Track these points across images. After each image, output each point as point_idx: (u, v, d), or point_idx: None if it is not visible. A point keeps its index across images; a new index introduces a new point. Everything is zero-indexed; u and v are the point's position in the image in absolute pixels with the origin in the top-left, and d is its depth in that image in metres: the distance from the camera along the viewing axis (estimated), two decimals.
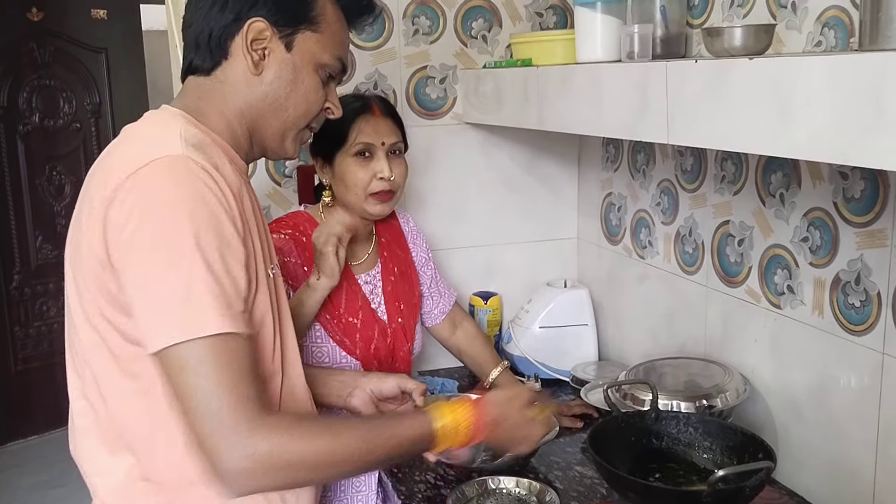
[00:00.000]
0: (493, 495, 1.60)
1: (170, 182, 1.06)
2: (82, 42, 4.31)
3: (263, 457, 1.04)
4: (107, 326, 1.12)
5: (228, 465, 1.03)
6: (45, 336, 4.34)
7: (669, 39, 1.68)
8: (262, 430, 1.04)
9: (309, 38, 1.23)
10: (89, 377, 1.16)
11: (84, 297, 1.13)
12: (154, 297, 1.04)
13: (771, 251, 1.66)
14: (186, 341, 1.02)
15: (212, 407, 1.02)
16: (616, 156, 2.22)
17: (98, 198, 1.09)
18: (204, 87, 1.23)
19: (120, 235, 1.06)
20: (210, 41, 1.21)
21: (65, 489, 3.75)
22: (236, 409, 1.03)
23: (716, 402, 1.62)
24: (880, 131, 0.91)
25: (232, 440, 1.02)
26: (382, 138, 1.76)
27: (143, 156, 1.08)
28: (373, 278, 1.85)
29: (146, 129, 1.20)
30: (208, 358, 1.02)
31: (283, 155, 1.31)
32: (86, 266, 1.11)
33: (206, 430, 1.03)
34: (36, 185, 4.23)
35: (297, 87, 1.24)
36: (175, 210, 1.05)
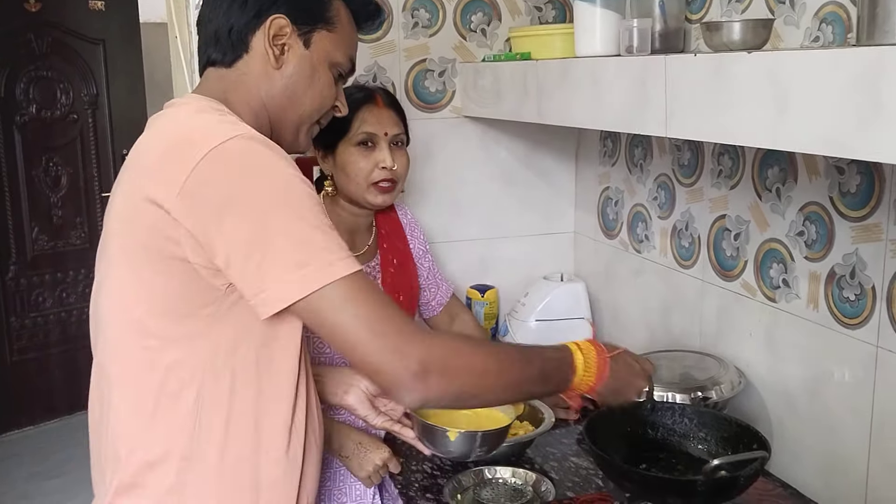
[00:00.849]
0: (490, 485, 1.62)
1: (256, 154, 1.11)
2: (80, 33, 4.31)
3: (439, 360, 1.11)
4: (170, 296, 1.14)
5: (413, 371, 1.08)
6: (40, 327, 4.35)
7: (668, 34, 1.69)
8: (428, 338, 1.14)
9: (325, 36, 1.28)
10: (136, 354, 1.17)
11: (146, 272, 1.14)
12: (281, 252, 1.07)
13: (767, 245, 1.67)
14: (329, 284, 1.07)
15: (385, 327, 1.09)
16: (614, 150, 2.23)
17: (167, 182, 1.09)
18: (228, 79, 1.27)
19: (217, 206, 1.07)
20: (231, 35, 1.25)
21: (61, 479, 3.76)
22: (401, 326, 1.10)
23: (711, 394, 1.63)
24: (877, 125, 0.93)
25: (406, 351, 1.09)
26: (385, 129, 1.77)
27: (216, 135, 1.10)
28: (372, 269, 1.86)
29: (197, 114, 1.21)
30: (360, 290, 1.09)
31: (296, 148, 1.35)
32: (153, 244, 1.11)
33: (381, 353, 1.08)
34: (32, 176, 4.23)
35: (313, 82, 1.29)
36: (272, 176, 1.10)
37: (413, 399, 1.12)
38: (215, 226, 1.08)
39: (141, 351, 1.17)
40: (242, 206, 1.07)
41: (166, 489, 1.19)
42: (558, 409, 1.88)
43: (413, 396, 1.11)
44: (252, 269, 1.07)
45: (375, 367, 1.09)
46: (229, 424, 1.18)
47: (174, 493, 1.19)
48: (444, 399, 1.15)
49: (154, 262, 1.13)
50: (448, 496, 1.56)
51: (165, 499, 1.19)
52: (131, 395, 1.20)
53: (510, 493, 1.59)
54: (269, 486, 1.22)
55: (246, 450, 1.20)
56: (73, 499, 3.55)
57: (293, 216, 1.08)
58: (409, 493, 1.62)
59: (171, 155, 1.12)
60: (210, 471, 1.19)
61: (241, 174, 1.09)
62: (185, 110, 1.23)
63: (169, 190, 1.09)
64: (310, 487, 1.30)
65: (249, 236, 1.07)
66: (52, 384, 4.23)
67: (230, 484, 1.20)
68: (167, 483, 1.19)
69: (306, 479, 1.28)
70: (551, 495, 1.57)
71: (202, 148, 1.09)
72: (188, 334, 1.15)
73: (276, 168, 1.11)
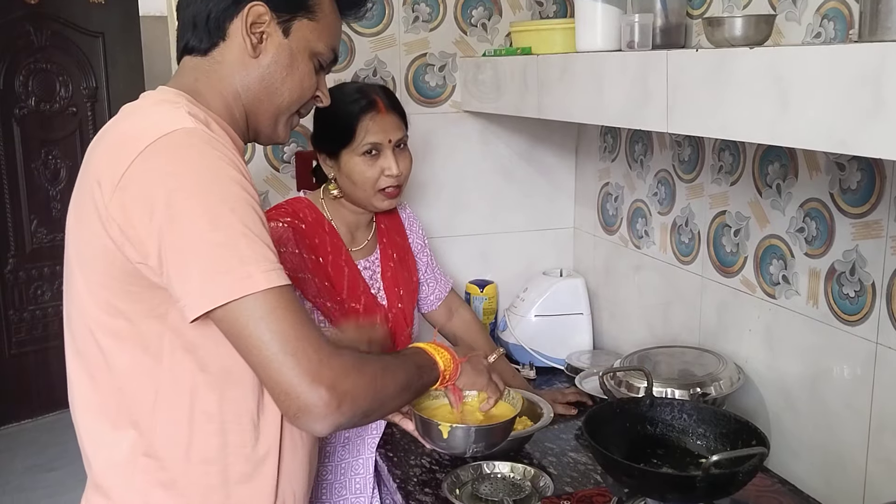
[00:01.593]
0: (488, 480, 1.62)
1: (192, 150, 1.07)
2: (79, 26, 4.30)
3: (349, 381, 1.07)
4: (124, 299, 1.11)
5: (324, 397, 1.04)
6: (39, 320, 4.34)
7: (669, 29, 1.68)
8: (343, 357, 1.09)
9: (305, 25, 1.25)
10: (94, 353, 1.16)
11: (94, 272, 1.13)
12: (201, 259, 1.03)
13: (767, 241, 1.67)
14: (247, 296, 1.03)
15: (297, 347, 1.04)
16: (614, 146, 2.23)
17: (109, 173, 1.08)
18: (201, 68, 1.24)
19: (145, 206, 1.05)
20: (208, 22, 1.22)
21: (59, 472, 3.76)
22: (318, 344, 1.06)
23: (710, 389, 1.63)
24: (879, 121, 0.92)
25: (321, 375, 1.04)
26: (389, 136, 1.76)
27: (158, 129, 1.08)
28: (372, 264, 1.86)
29: (151, 106, 1.19)
30: (274, 309, 1.04)
31: (275, 139, 1.33)
32: (97, 241, 1.10)
33: (291, 374, 1.04)
34: (31, 169, 4.22)
35: (292, 71, 1.25)
36: (203, 175, 1.06)
37: (325, 427, 1.07)
38: (145, 225, 1.05)
39: (97, 352, 1.16)
40: (170, 206, 1.04)
41: (132, 488, 1.18)
42: (557, 405, 1.88)
43: (325, 424, 1.07)
44: (175, 272, 1.05)
45: (286, 389, 1.04)
46: (193, 423, 1.16)
47: (140, 491, 1.18)
48: (353, 420, 1.11)
49: (101, 261, 1.11)
50: (446, 491, 1.56)
51: (132, 497, 1.18)
52: (92, 395, 1.19)
53: (508, 487, 1.59)
54: (240, 483, 1.20)
55: (212, 448, 1.18)
56: (70, 491, 3.55)
57: (219, 221, 1.04)
58: (408, 487, 1.62)
59: (114, 151, 1.10)
60: (177, 469, 1.17)
61: (172, 173, 1.05)
62: (142, 103, 1.21)
63: (108, 187, 1.08)
64: (296, 483, 1.28)
65: (174, 239, 1.04)
66: (51, 377, 4.22)
67: (198, 482, 1.18)
68: (134, 482, 1.18)
69: (288, 475, 1.26)
70: (549, 490, 1.57)
71: (140, 143, 1.07)
72: (141, 334, 1.13)
73: (209, 168, 1.07)
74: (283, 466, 1.24)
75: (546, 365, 2.21)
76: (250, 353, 1.05)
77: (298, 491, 1.30)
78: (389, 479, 1.68)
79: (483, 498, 1.55)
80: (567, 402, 1.93)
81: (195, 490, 1.18)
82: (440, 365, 1.33)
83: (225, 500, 1.20)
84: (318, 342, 1.06)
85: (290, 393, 1.04)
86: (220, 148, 1.10)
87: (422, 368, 1.29)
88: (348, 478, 1.77)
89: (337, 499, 1.76)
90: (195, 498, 1.18)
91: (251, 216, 1.07)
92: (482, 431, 1.42)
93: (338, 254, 1.79)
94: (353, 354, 1.12)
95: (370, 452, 1.79)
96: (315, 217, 1.79)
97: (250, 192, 1.09)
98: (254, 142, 1.34)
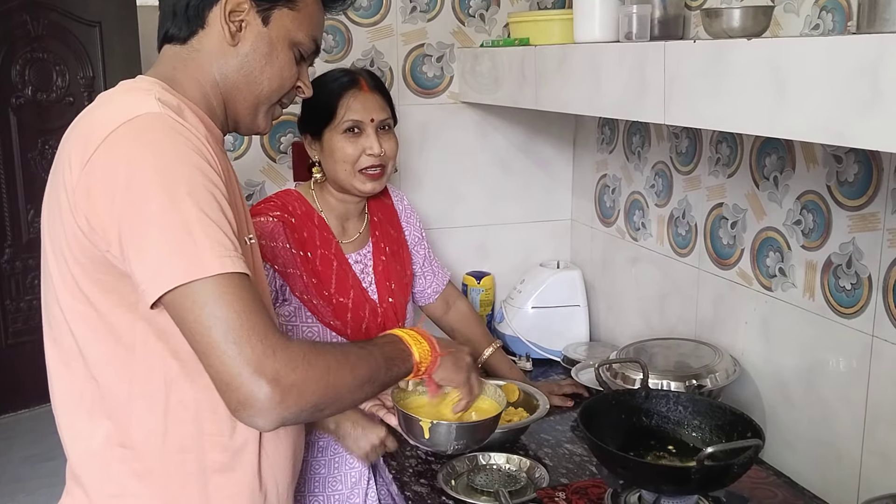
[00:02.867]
0: (483, 471, 1.62)
1: (154, 134, 1.06)
2: (76, 15, 4.28)
3: (297, 375, 1.03)
4: (92, 286, 1.11)
5: (265, 390, 1.00)
6: (35, 310, 4.31)
7: (667, 20, 1.68)
8: (290, 350, 1.04)
9: (286, 14, 1.24)
10: (69, 343, 1.16)
11: (65, 260, 1.12)
12: (154, 243, 1.02)
13: (763, 234, 1.67)
14: (195, 281, 1.01)
15: (240, 335, 1.00)
16: (611, 137, 2.23)
17: (77, 160, 1.08)
18: (179, 57, 1.24)
19: (108, 192, 1.05)
20: (188, 10, 1.22)
21: (55, 462, 3.74)
22: (265, 333, 1.02)
23: (705, 382, 1.63)
24: (876, 113, 0.92)
25: (265, 364, 1.01)
26: (371, 114, 1.74)
27: (123, 115, 1.08)
28: (363, 257, 1.84)
29: (123, 94, 1.19)
30: (227, 291, 1.01)
31: (255, 129, 1.32)
32: (68, 230, 1.10)
33: (232, 364, 1.00)
34: (28, 158, 4.21)
35: (271, 61, 1.24)
36: (162, 159, 1.05)
37: (267, 422, 1.03)
38: (108, 212, 1.05)
39: (72, 342, 1.16)
40: (128, 191, 1.03)
41: (109, 478, 1.18)
42: (553, 397, 1.88)
43: (267, 419, 1.03)
44: (133, 257, 1.04)
45: (226, 380, 1.01)
46: (168, 412, 1.15)
47: (116, 482, 1.18)
48: (300, 416, 1.07)
49: (72, 249, 1.11)
50: (442, 482, 1.56)
51: (108, 488, 1.18)
52: (68, 385, 1.19)
53: (504, 479, 1.59)
54: (218, 472, 1.19)
55: (187, 437, 1.17)
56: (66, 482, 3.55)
57: (175, 206, 1.02)
58: (403, 478, 1.62)
59: (83, 138, 1.10)
60: (152, 459, 1.16)
61: (132, 158, 1.04)
62: (116, 91, 1.20)
63: (75, 173, 1.07)
64: (280, 474, 1.28)
65: (131, 224, 1.03)
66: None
67: (174, 471, 1.17)
68: (110, 472, 1.18)
69: (271, 465, 1.25)
70: (545, 482, 1.57)
71: (106, 129, 1.07)
72: (113, 326, 1.12)
73: (169, 152, 1.05)
74: (265, 456, 1.24)
75: (542, 356, 2.21)
76: (194, 339, 1.02)
77: (282, 482, 1.29)
78: (385, 470, 1.68)
79: (478, 489, 1.55)
80: (563, 393, 1.93)
81: (172, 479, 1.17)
82: (415, 356, 1.28)
83: (202, 489, 1.19)
84: (266, 331, 1.02)
85: (231, 384, 1.01)
86: (185, 133, 1.09)
87: (391, 360, 1.24)
88: (343, 472, 1.76)
89: (331, 492, 1.76)
90: (172, 487, 1.18)
91: (209, 201, 1.05)
92: (464, 429, 1.41)
93: (327, 247, 1.77)
94: (305, 345, 1.07)
95: None
96: (305, 210, 1.77)
97: (212, 178, 1.08)
98: (234, 132, 1.33)
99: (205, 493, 1.19)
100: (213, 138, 1.20)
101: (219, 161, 1.15)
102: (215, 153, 1.15)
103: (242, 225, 1.22)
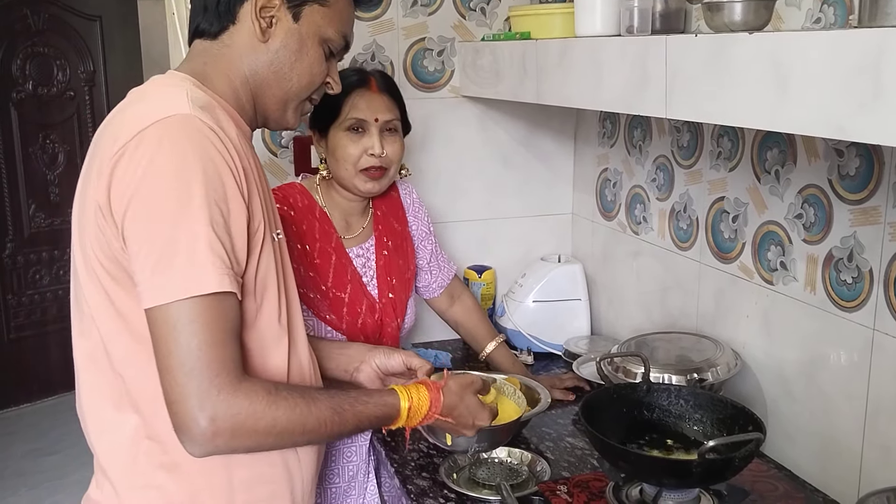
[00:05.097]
0: (485, 465, 1.62)
1: (178, 139, 1.07)
2: (77, 9, 4.28)
3: (235, 420, 1.05)
4: (112, 285, 1.13)
5: (201, 426, 1.04)
6: (37, 305, 4.34)
7: (669, 14, 1.67)
8: (240, 394, 1.06)
9: (316, 11, 1.25)
10: (96, 337, 1.17)
11: (89, 257, 1.14)
12: (156, 253, 1.04)
13: (765, 228, 1.67)
14: (183, 299, 1.03)
15: (194, 366, 1.04)
16: (613, 131, 2.23)
17: (107, 156, 1.10)
18: (210, 52, 1.24)
19: (125, 191, 1.06)
20: (219, 5, 1.22)
21: (58, 456, 3.77)
22: (217, 372, 1.04)
23: (707, 375, 1.63)
24: (878, 107, 0.92)
25: (206, 401, 1.04)
26: (376, 114, 1.74)
27: (152, 115, 1.09)
28: (366, 251, 1.84)
29: (154, 91, 1.20)
30: (199, 317, 1.04)
31: (284, 125, 1.33)
32: (91, 225, 1.12)
33: (180, 392, 1.04)
34: (29, 153, 4.21)
35: (301, 57, 1.25)
36: (182, 167, 1.06)
37: (196, 451, 1.08)
38: (121, 212, 1.07)
39: (98, 337, 1.17)
40: (141, 195, 1.05)
41: (136, 471, 1.19)
42: (555, 390, 1.88)
43: (195, 449, 1.08)
44: (133, 260, 1.07)
45: (170, 401, 1.05)
46: None
47: (144, 474, 1.18)
48: (236, 451, 1.12)
49: (95, 247, 1.12)
50: (444, 475, 1.57)
51: (135, 480, 1.19)
52: (94, 378, 1.20)
53: (506, 472, 1.59)
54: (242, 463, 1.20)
55: None
56: (69, 475, 3.56)
57: (182, 217, 1.04)
58: (406, 472, 1.63)
59: (113, 136, 1.11)
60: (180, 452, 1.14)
61: (151, 161, 1.06)
62: (147, 88, 1.22)
63: (104, 171, 1.09)
64: (305, 462, 1.28)
65: (137, 229, 1.06)
66: (49, 362, 4.23)
67: (201, 464, 1.16)
68: (137, 465, 1.18)
69: (295, 454, 1.26)
70: (546, 475, 1.57)
71: (135, 129, 1.08)
72: (133, 325, 1.13)
73: (191, 159, 1.06)
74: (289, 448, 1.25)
75: (544, 350, 2.21)
76: (156, 353, 1.06)
77: (308, 470, 1.30)
78: (387, 463, 1.69)
79: (480, 483, 1.56)
80: (565, 387, 1.94)
81: (198, 472, 1.18)
82: (401, 419, 1.28)
83: (227, 480, 1.20)
84: (220, 369, 1.05)
85: (172, 407, 1.05)
86: (212, 138, 1.09)
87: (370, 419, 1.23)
88: (340, 465, 1.77)
89: (327, 485, 1.76)
90: (199, 480, 1.19)
91: (221, 213, 1.07)
92: (486, 433, 1.44)
93: (326, 240, 1.77)
94: (260, 393, 1.08)
95: (364, 440, 1.79)
96: (306, 203, 1.78)
97: (228, 189, 1.08)
98: (263, 127, 1.34)
99: (230, 484, 1.20)
100: (242, 135, 1.21)
101: (247, 159, 1.17)
102: (243, 151, 1.16)
103: (271, 220, 1.24)
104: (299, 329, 1.30)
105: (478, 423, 1.39)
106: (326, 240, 1.77)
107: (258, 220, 1.16)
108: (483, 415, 1.40)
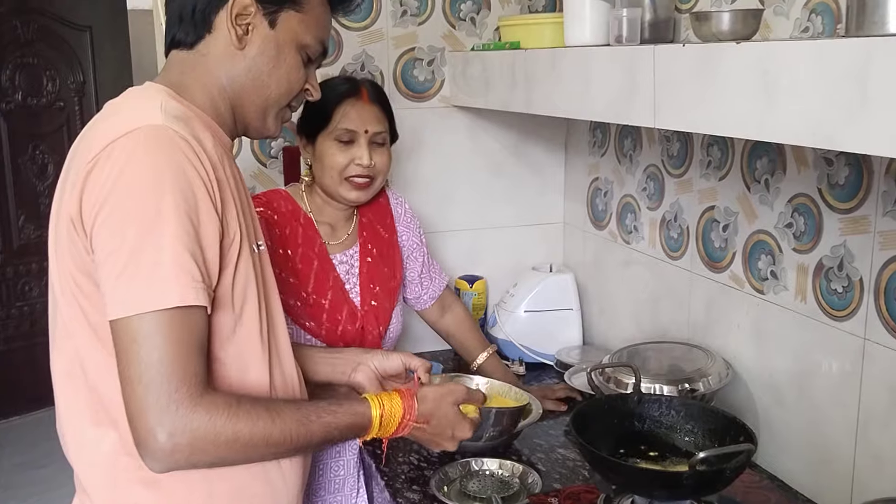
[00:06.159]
0: (476, 476, 1.61)
1: (150, 150, 1.07)
2: (67, 20, 4.27)
3: (194, 435, 1.04)
4: (85, 300, 1.12)
5: (159, 441, 1.03)
6: (27, 316, 4.32)
7: (658, 24, 1.68)
8: (199, 409, 1.05)
9: (292, 17, 1.24)
10: (72, 352, 1.16)
11: (64, 272, 1.13)
12: (121, 263, 1.03)
13: (755, 237, 1.67)
14: (145, 313, 1.02)
15: (152, 380, 1.02)
16: (603, 141, 2.23)
17: (80, 169, 1.09)
18: (187, 62, 1.23)
19: (96, 201, 1.06)
20: (194, 15, 1.21)
21: (48, 469, 3.73)
22: (177, 386, 1.03)
23: (698, 385, 1.63)
24: (865, 116, 0.92)
25: (166, 416, 1.02)
26: (366, 126, 1.73)
27: (124, 126, 1.08)
28: (350, 258, 1.82)
29: (128, 103, 1.19)
30: (160, 331, 1.03)
31: (265, 133, 1.32)
32: (65, 239, 1.11)
33: (139, 405, 1.03)
34: (19, 164, 4.20)
35: (279, 64, 1.24)
36: (152, 177, 1.05)
37: (156, 467, 1.07)
38: (90, 223, 1.06)
39: (73, 351, 1.16)
40: (110, 206, 1.05)
41: (116, 488, 1.17)
42: (546, 401, 1.87)
43: (154, 465, 1.06)
44: (100, 270, 1.06)
45: (130, 415, 1.04)
46: None
47: (123, 491, 1.17)
48: (196, 467, 1.10)
49: (68, 259, 1.12)
50: (434, 488, 1.56)
51: (115, 497, 1.18)
52: (71, 393, 1.19)
53: (497, 484, 1.58)
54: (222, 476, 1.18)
55: None
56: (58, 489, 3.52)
57: (151, 228, 1.03)
58: (396, 484, 1.61)
59: (87, 149, 1.10)
60: None
61: (121, 172, 1.05)
62: (122, 100, 1.21)
63: (77, 184, 1.08)
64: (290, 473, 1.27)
65: (104, 239, 1.05)
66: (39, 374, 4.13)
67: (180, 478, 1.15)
68: (117, 482, 1.17)
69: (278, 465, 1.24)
70: (538, 487, 1.56)
71: (105, 141, 1.07)
72: (104, 338, 1.11)
73: (161, 168, 1.05)
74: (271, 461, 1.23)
75: (535, 361, 2.20)
76: (119, 364, 1.05)
77: (292, 481, 1.28)
78: (377, 476, 1.67)
79: (471, 495, 1.55)
80: (556, 398, 1.93)
81: (178, 487, 1.16)
82: (374, 429, 1.26)
83: (208, 495, 1.19)
84: (179, 384, 1.03)
85: (132, 421, 1.04)
86: (184, 148, 1.09)
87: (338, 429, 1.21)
88: (327, 479, 1.75)
89: (315, 499, 1.74)
90: (178, 495, 1.17)
91: (192, 225, 1.06)
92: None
93: (309, 245, 1.76)
94: (220, 407, 1.06)
95: (352, 453, 1.77)
96: (290, 208, 1.77)
97: (199, 200, 1.08)
98: (244, 136, 1.33)
99: (210, 498, 1.19)
100: (220, 145, 1.20)
101: (222, 170, 1.16)
102: (219, 162, 1.15)
103: (251, 232, 1.23)
104: (283, 342, 1.28)
105: (458, 434, 1.36)
106: (309, 245, 1.76)
107: (234, 232, 1.15)
108: (463, 426, 1.37)
